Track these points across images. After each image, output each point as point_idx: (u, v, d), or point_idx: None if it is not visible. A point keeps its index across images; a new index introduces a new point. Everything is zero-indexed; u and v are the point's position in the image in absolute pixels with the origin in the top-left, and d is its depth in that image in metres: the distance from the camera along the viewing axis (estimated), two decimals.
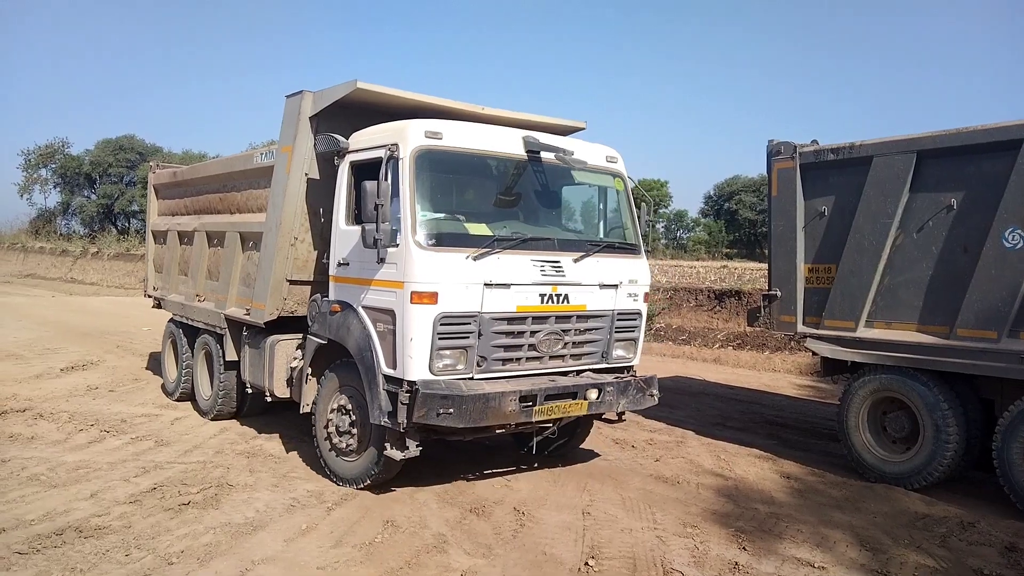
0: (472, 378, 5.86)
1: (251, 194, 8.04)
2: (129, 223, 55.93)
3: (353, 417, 6.34)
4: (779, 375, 13.42)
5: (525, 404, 5.83)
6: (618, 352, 6.77)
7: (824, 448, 8.23)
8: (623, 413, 7.01)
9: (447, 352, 5.74)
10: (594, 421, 7.38)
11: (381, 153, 5.87)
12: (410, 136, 5.84)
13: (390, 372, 5.80)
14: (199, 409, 9.13)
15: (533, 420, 6.00)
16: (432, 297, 5.59)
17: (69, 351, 13.75)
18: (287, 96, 6.91)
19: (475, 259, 5.74)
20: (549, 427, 6.61)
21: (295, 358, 7.17)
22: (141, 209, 49.53)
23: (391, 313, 5.79)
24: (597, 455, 7.66)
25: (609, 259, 6.56)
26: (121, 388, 10.48)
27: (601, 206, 7.08)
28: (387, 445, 5.89)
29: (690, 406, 10.32)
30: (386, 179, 5.69)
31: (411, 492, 6.26)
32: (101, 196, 58.22)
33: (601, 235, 6.95)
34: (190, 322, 9.37)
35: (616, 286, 6.54)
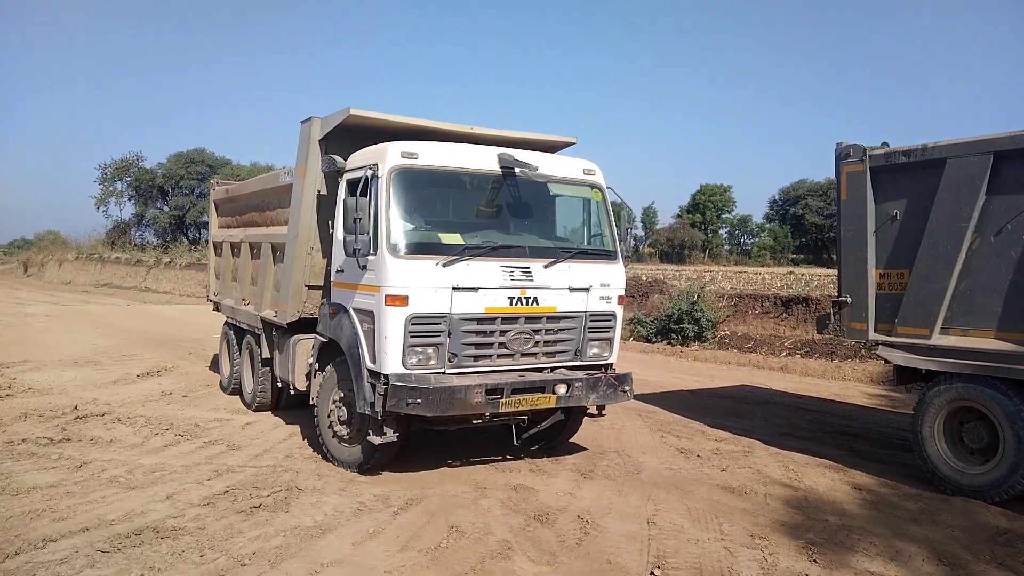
0: (444, 372, 6.45)
1: (280, 210, 8.82)
2: (200, 234, 57.56)
3: (350, 408, 6.94)
4: (849, 384, 13.07)
5: (492, 396, 6.34)
6: (593, 351, 7.21)
7: (897, 459, 7.97)
8: (603, 408, 7.43)
9: (419, 348, 6.36)
10: (584, 416, 7.82)
11: (367, 172, 6.55)
12: (388, 156, 6.51)
13: (372, 367, 6.47)
14: (245, 402, 9.99)
15: (501, 411, 6.49)
16: (403, 300, 6.24)
17: (144, 358, 14.23)
18: (301, 122, 7.69)
19: (444, 265, 6.35)
20: (524, 418, 7.25)
21: (311, 356, 7.77)
22: None
23: (371, 314, 6.46)
24: (662, 465, 7.57)
25: (581, 264, 7.03)
26: (194, 393, 10.80)
27: (579, 215, 7.57)
28: (369, 432, 6.57)
29: (757, 415, 10.13)
30: (366, 195, 6.39)
31: (475, 498, 6.29)
32: (173, 208, 60.15)
33: (579, 242, 7.41)
34: (238, 323, 10.40)
35: (587, 289, 7.00)
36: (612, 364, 7.40)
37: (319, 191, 7.44)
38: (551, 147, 8.16)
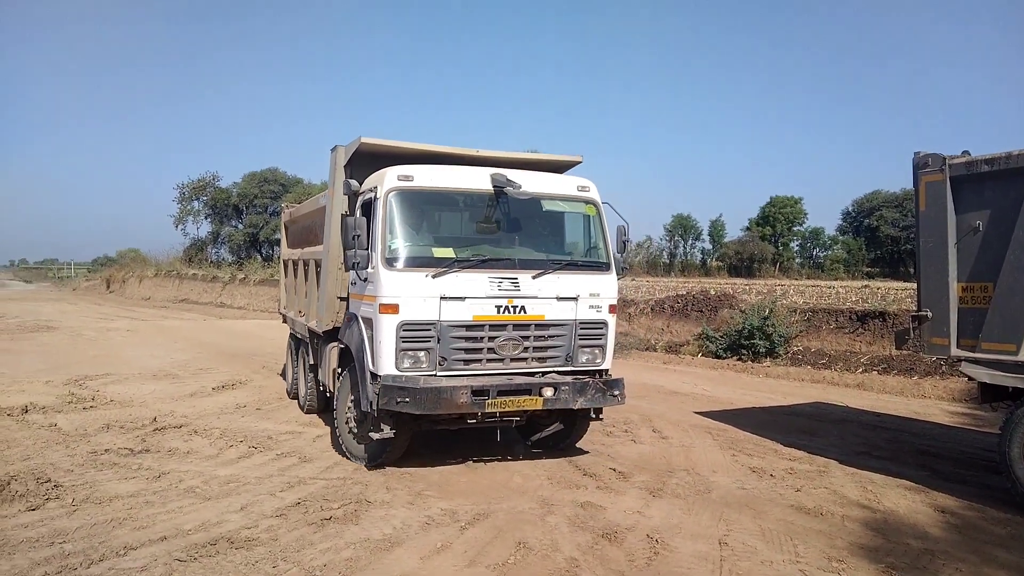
0: (435, 375, 7.00)
1: (321, 230, 9.31)
2: (272, 251, 59.03)
3: (359, 407, 7.46)
4: (930, 402, 12.57)
5: (477, 397, 6.83)
6: (584, 357, 7.58)
7: (983, 481, 7.62)
8: (599, 411, 7.88)
9: (410, 352, 6.95)
10: (590, 420, 8.12)
11: (371, 193, 7.30)
12: (386, 179, 7.15)
13: (372, 369, 7.07)
14: (300, 405, 10.73)
15: (488, 411, 6.97)
16: (395, 308, 6.85)
17: (219, 371, 14.64)
18: (331, 149, 8.40)
19: (434, 277, 6.92)
20: (515, 420, 7.65)
21: (335, 360, 8.43)
22: None
23: (371, 321, 7.08)
24: (733, 484, 7.40)
25: (570, 275, 7.47)
26: (267, 407, 11.05)
27: (573, 229, 8.00)
28: (371, 428, 7.16)
29: (832, 434, 9.82)
30: (364, 214, 7.23)
31: (542, 515, 6.25)
32: (247, 226, 61.89)
33: (574, 255, 7.88)
34: (296, 334, 11.36)
35: (575, 299, 7.41)
36: (606, 370, 7.75)
37: (343, 212, 7.91)
38: (559, 166, 8.69)
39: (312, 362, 9.98)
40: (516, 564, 5.24)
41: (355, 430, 7.74)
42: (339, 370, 8.26)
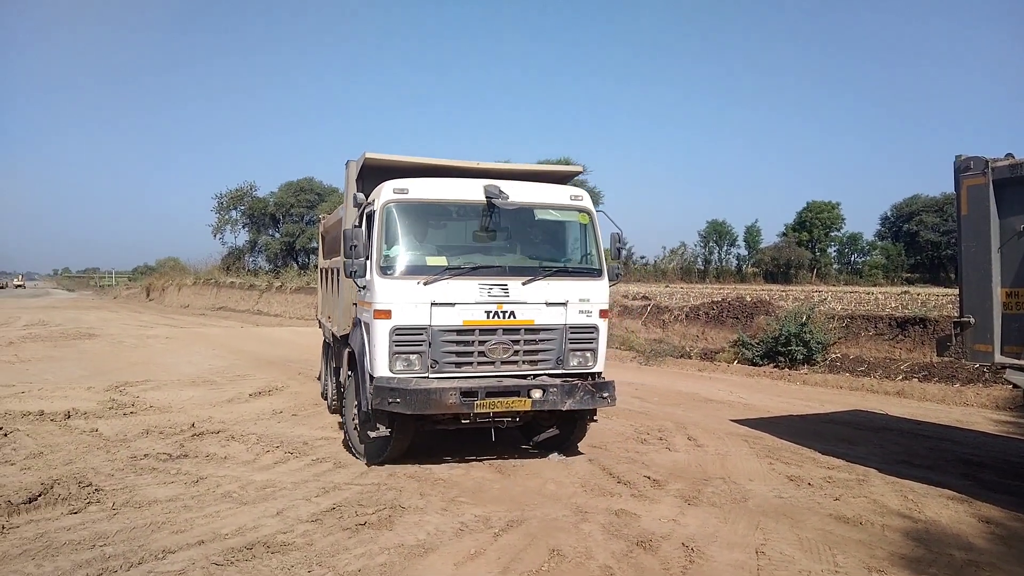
0: (427, 377, 7.30)
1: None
2: (308, 259, 59.73)
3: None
4: (972, 409, 12.29)
5: (466, 398, 7.11)
6: (575, 360, 7.79)
7: None
8: (594, 413, 8.20)
9: (402, 355, 7.28)
10: (588, 422, 8.41)
11: (372, 206, 7.62)
12: (383, 192, 7.52)
13: (370, 371, 7.41)
14: (328, 406, 11.11)
15: (477, 412, 7.22)
16: (387, 313, 7.20)
17: (256, 377, 14.82)
18: (345, 164, 8.64)
19: (425, 284, 7.27)
20: (506, 420, 7.80)
21: (346, 363, 8.79)
22: None
23: (368, 326, 7.42)
24: (770, 493, 7.29)
25: (560, 281, 7.71)
26: (303, 412, 11.15)
27: (567, 237, 8.30)
28: (369, 427, 7.56)
29: (872, 442, 9.64)
30: (360, 225, 7.58)
31: (576, 522, 6.22)
32: (284, 234, 62.70)
33: (567, 262, 8.13)
34: (327, 339, 11.90)
35: (564, 304, 7.65)
36: (599, 373, 7.91)
37: (353, 223, 8.05)
38: (561, 177, 9.05)
39: (335, 365, 10.44)
40: (550, 571, 5.21)
41: (359, 430, 8.11)
42: (348, 372, 8.62)
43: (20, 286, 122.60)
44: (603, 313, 7.88)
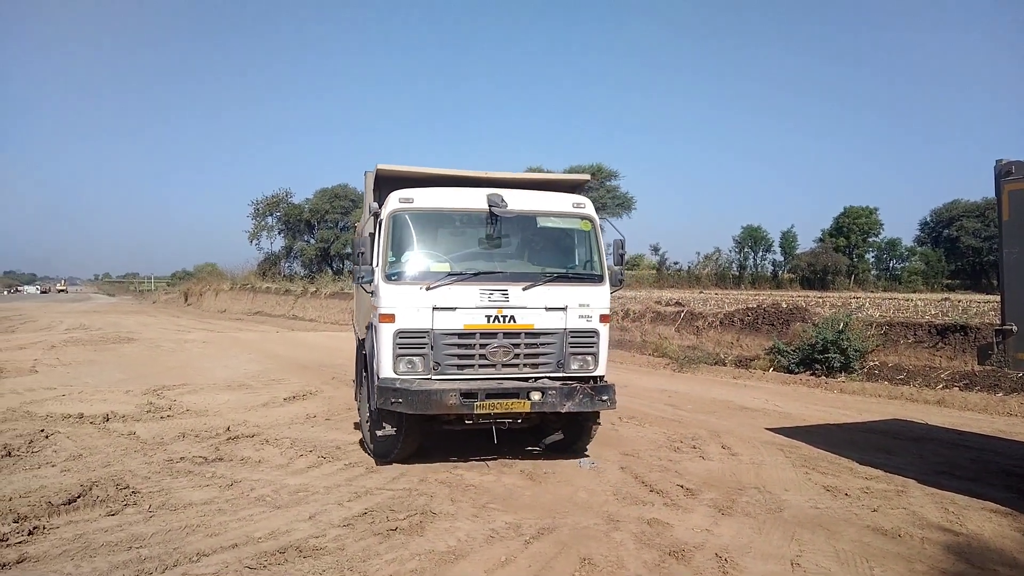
0: (430, 378, 7.55)
1: None
2: (343, 265, 60.31)
3: None
4: (1017, 420, 11.98)
5: (466, 399, 7.30)
6: (576, 364, 7.95)
7: None
8: (598, 415, 8.34)
9: (405, 357, 7.55)
10: (593, 425, 8.54)
11: (381, 215, 7.92)
12: (390, 202, 7.87)
13: (376, 372, 7.69)
14: (359, 408, 10.61)
15: (477, 413, 7.40)
16: (391, 317, 7.50)
17: (291, 382, 14.96)
18: (364, 173, 8.90)
19: (428, 289, 7.54)
20: (508, 421, 7.93)
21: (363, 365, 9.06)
22: None
23: (375, 329, 7.72)
24: (806, 503, 7.17)
25: (560, 287, 7.90)
26: (336, 417, 11.23)
27: (569, 244, 8.44)
28: (377, 427, 7.93)
29: (911, 452, 9.44)
30: (367, 232, 7.98)
31: (607, 531, 6.17)
32: (319, 240, 63.41)
33: (569, 268, 8.27)
34: (359, 343, 11.69)
35: (564, 309, 7.83)
36: (600, 377, 8.06)
37: (369, 231, 8.36)
38: (572, 186, 9.16)
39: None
40: None
41: (374, 430, 8.33)
42: (364, 374, 8.90)
43: (63, 291, 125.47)
44: (604, 318, 8.05)
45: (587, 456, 8.66)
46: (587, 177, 9.50)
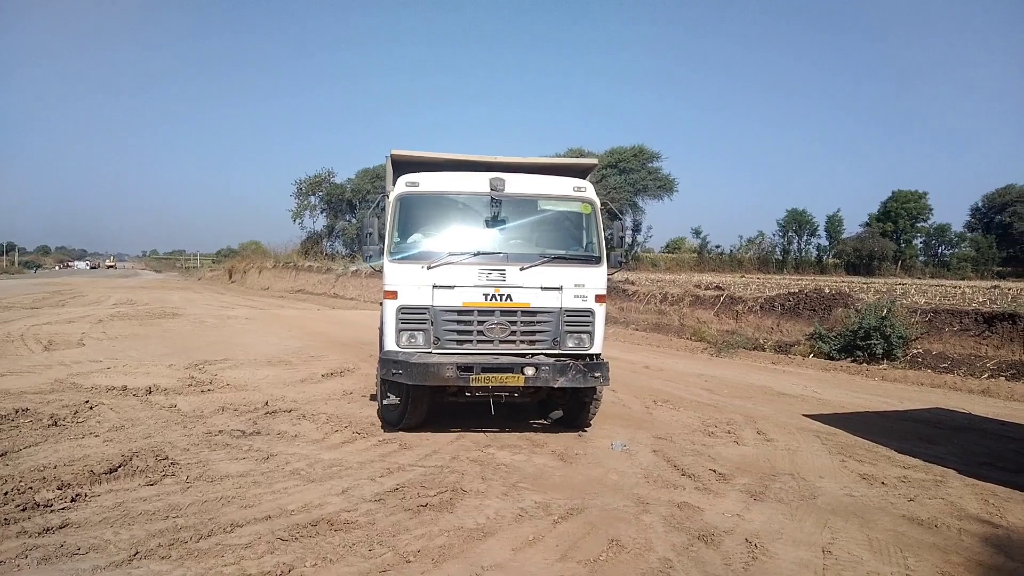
0: (430, 352, 8.00)
1: None
2: None
3: None
4: None
5: (463, 372, 7.68)
6: (571, 342, 8.26)
7: None
8: (595, 391, 8.74)
9: (407, 332, 8.05)
10: (591, 401, 8.92)
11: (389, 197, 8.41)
12: (397, 186, 8.34)
13: (383, 345, 8.25)
14: None
15: (472, 385, 7.74)
16: (394, 294, 8.04)
17: (329, 359, 15.14)
18: (386, 157, 9.14)
19: (428, 268, 8.01)
20: (503, 396, 8.34)
21: None
22: None
23: (382, 306, 8.28)
24: (841, 491, 7.07)
25: (557, 268, 8.21)
26: (372, 393, 11.32)
27: (568, 226, 8.72)
28: (384, 396, 8.52)
29: (952, 442, 9.25)
30: (376, 214, 8.51)
31: (636, 513, 6.16)
32: (360, 220, 63.84)
33: (568, 250, 8.51)
34: None
35: (559, 288, 8.16)
36: (597, 354, 8.33)
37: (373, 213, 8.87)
38: (582, 170, 9.41)
39: None
40: (608, 561, 5.18)
41: (379, 398, 8.90)
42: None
43: (112, 267, 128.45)
44: (599, 298, 8.32)
45: (619, 440, 8.65)
46: (594, 162, 9.71)
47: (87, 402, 9.68)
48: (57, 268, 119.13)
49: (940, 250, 74.64)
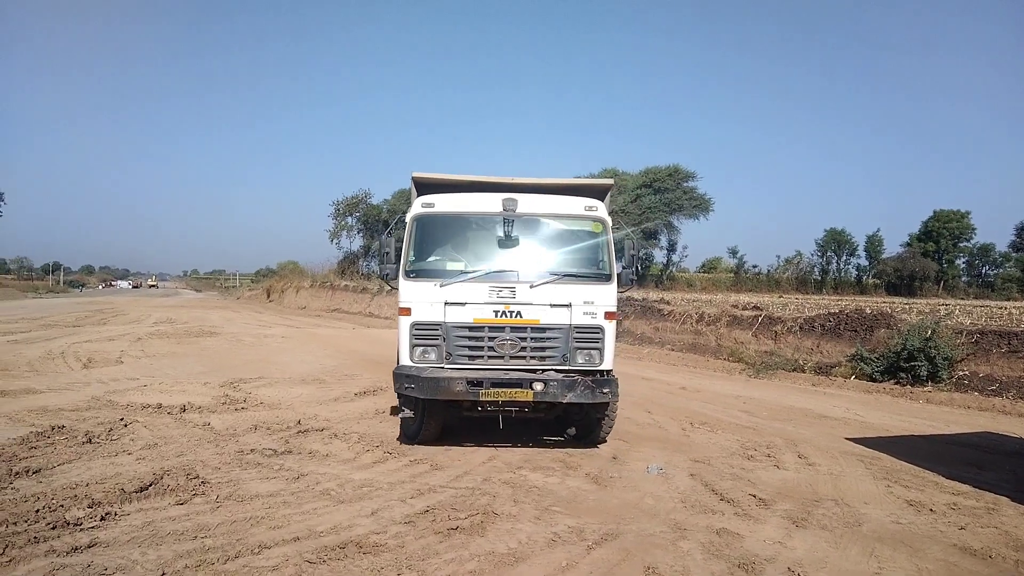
0: (442, 367, 8.18)
1: None
2: None
3: None
4: None
5: (472, 387, 7.88)
6: (581, 358, 8.33)
7: None
8: (606, 406, 8.74)
9: (420, 348, 8.27)
10: (603, 418, 8.94)
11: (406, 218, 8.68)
12: (414, 206, 8.63)
13: (398, 360, 8.50)
14: None
15: (482, 400, 7.95)
16: (408, 311, 8.28)
17: (363, 377, 15.13)
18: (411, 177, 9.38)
19: (441, 285, 8.24)
20: (514, 411, 8.50)
21: None
22: None
23: (398, 322, 8.46)
24: (887, 518, 6.79)
25: (567, 285, 8.32)
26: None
27: (579, 244, 8.78)
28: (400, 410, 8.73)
29: (1004, 468, 8.88)
30: (390, 234, 8.97)
31: (673, 539, 5.96)
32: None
33: (579, 268, 8.58)
34: None
35: (568, 306, 8.25)
36: (607, 371, 8.39)
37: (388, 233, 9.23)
38: (600, 191, 9.41)
39: None
40: None
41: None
42: None
43: (153, 286, 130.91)
44: (609, 315, 8.38)
45: (655, 464, 8.45)
46: (611, 182, 9.80)
47: (122, 419, 9.73)
48: (100, 287, 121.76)
49: (984, 270, 73.02)
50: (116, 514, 6.08)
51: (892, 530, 6.41)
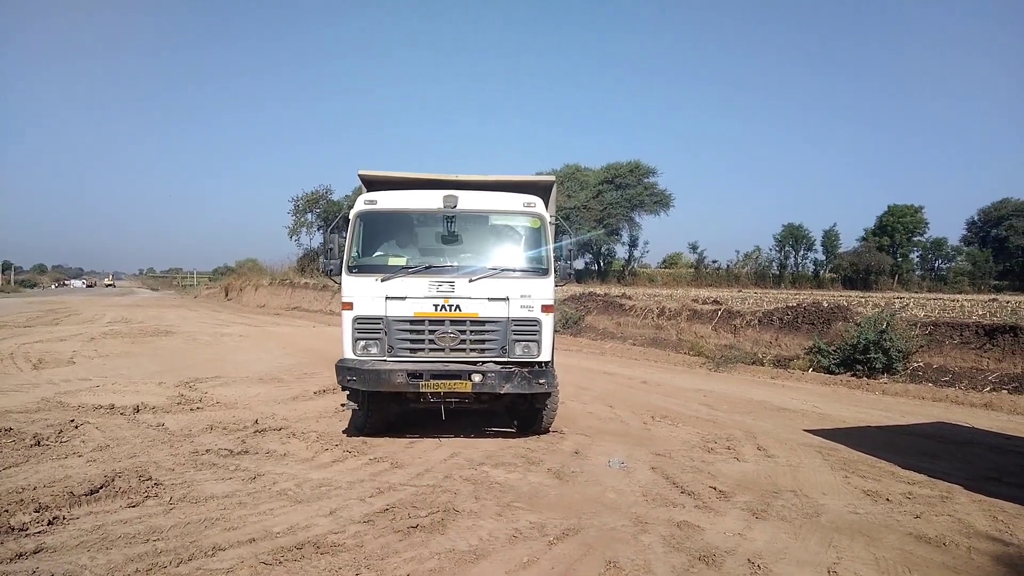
0: (384, 360, 8.36)
1: None
2: None
3: None
4: None
5: (412, 379, 8.12)
6: (519, 350, 8.51)
7: None
8: (547, 396, 8.94)
9: (363, 342, 8.46)
10: (544, 407, 9.15)
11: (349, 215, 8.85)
12: (357, 203, 8.84)
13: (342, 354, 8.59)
14: None
15: (423, 391, 8.20)
16: (350, 305, 8.49)
17: (323, 376, 14.92)
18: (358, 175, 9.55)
19: (382, 280, 8.42)
20: (453, 402, 8.72)
21: None
22: None
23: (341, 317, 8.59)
24: (845, 508, 6.87)
25: (503, 280, 8.50)
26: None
27: (518, 240, 8.95)
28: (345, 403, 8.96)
29: (956, 457, 9.05)
30: (334, 230, 8.93)
31: (635, 533, 5.95)
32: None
33: (517, 262, 8.73)
34: None
35: (506, 299, 8.43)
36: (545, 362, 8.58)
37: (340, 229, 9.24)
38: (543, 188, 9.59)
39: None
40: None
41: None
42: None
43: (110, 285, 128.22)
44: (546, 308, 8.57)
45: (616, 457, 8.45)
46: (552, 179, 9.92)
47: (72, 421, 9.47)
48: (53, 287, 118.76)
49: (937, 264, 74.57)
50: (64, 518, 5.91)
51: (850, 520, 6.47)
